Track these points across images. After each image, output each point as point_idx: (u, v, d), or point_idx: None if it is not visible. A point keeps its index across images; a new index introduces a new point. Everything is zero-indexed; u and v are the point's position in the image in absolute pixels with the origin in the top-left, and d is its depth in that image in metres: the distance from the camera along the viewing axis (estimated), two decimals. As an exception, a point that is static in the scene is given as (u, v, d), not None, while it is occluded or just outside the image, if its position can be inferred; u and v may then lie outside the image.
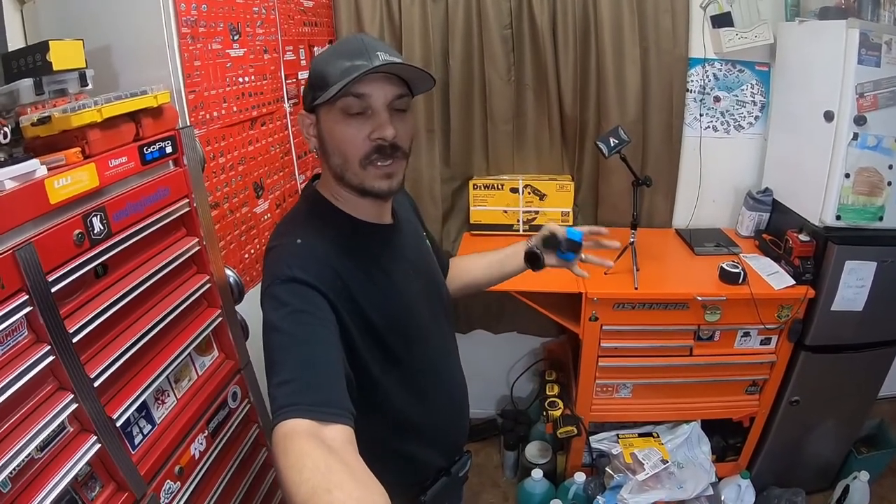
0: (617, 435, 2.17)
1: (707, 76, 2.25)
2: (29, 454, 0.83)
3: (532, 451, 2.39)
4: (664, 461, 2.00)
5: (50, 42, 0.99)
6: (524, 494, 2.16)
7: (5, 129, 0.94)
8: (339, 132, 0.94)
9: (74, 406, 0.90)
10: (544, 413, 2.21)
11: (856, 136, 1.79)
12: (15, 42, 1.21)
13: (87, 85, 1.08)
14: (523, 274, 1.40)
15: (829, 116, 1.84)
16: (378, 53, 0.91)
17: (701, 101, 2.28)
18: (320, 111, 0.97)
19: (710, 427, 2.19)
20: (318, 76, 0.94)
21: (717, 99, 2.28)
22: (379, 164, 0.95)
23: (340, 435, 0.73)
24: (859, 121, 1.77)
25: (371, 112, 0.93)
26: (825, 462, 2.27)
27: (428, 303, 1.13)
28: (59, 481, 0.87)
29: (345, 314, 0.92)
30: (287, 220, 1.06)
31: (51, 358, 0.86)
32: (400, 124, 0.96)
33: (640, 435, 2.16)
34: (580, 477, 2.12)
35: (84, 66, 1.07)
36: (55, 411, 0.87)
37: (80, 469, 0.92)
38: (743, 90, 2.27)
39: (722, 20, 2.12)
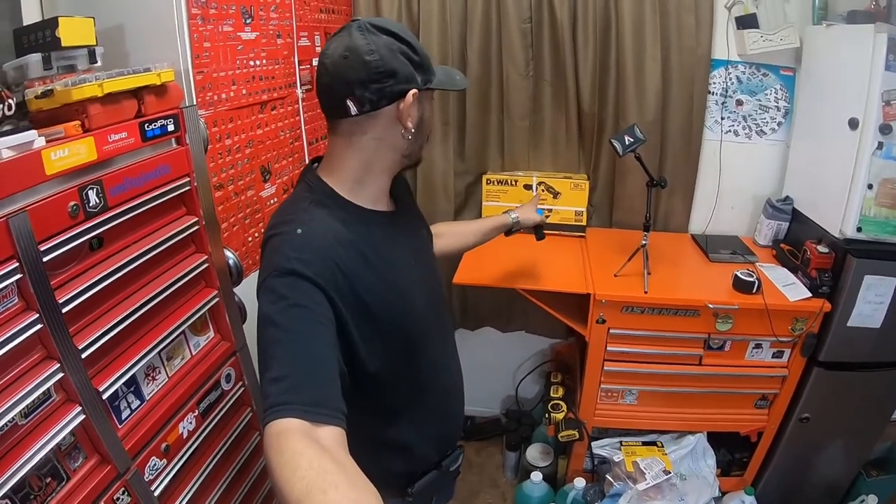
0: (620, 442, 2.13)
1: (730, 78, 2.19)
2: (12, 419, 0.85)
3: (533, 453, 2.36)
4: (666, 472, 1.95)
5: (59, 18, 1.01)
6: (522, 497, 2.14)
7: (10, 101, 0.96)
8: (429, 113, 1.04)
9: (60, 375, 0.91)
10: (547, 415, 2.18)
11: (880, 146, 1.72)
12: (32, 17, 1.23)
13: (96, 62, 1.10)
14: (532, 273, 1.94)
15: (853, 124, 1.78)
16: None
17: (723, 104, 2.22)
18: (421, 92, 0.99)
19: (716, 440, 2.14)
20: (424, 55, 0.98)
21: (739, 102, 2.22)
22: None
23: (332, 436, 0.73)
24: (885, 129, 1.70)
25: None
26: (833, 483, 2.20)
27: (427, 292, 1.12)
28: (41, 448, 0.88)
29: (343, 308, 0.91)
30: (287, 206, 1.04)
31: (38, 326, 0.88)
32: None
33: (644, 443, 2.11)
34: (580, 482, 2.09)
35: (94, 43, 1.08)
36: (40, 379, 0.88)
37: (64, 438, 0.93)
38: (767, 95, 2.21)
39: (747, 21, 2.06)
